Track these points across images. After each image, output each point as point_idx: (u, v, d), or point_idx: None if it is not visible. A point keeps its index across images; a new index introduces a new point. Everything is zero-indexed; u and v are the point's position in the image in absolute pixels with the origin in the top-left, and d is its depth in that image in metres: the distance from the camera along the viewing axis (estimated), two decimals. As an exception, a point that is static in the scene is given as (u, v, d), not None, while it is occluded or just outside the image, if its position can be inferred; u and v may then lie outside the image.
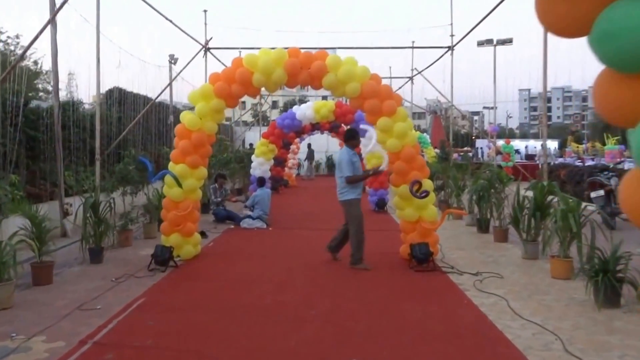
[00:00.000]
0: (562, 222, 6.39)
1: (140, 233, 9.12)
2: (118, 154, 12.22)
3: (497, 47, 23.90)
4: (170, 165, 7.31)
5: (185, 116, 7.19)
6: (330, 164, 28.76)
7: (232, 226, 10.70)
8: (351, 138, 7.07)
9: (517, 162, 23.11)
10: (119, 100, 13.85)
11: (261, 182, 11.36)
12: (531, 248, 7.62)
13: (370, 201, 13.45)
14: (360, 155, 19.10)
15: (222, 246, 8.63)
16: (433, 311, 5.23)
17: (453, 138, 35.43)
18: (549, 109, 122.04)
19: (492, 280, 6.40)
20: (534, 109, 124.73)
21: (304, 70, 7.01)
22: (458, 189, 11.57)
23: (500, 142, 28.10)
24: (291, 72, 6.99)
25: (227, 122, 31.65)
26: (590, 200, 9.91)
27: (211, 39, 13.86)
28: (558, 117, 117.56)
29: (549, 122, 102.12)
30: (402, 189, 7.12)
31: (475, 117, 79.73)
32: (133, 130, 13.65)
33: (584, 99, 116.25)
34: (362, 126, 6.78)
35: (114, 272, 6.62)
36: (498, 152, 25.05)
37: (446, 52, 14.66)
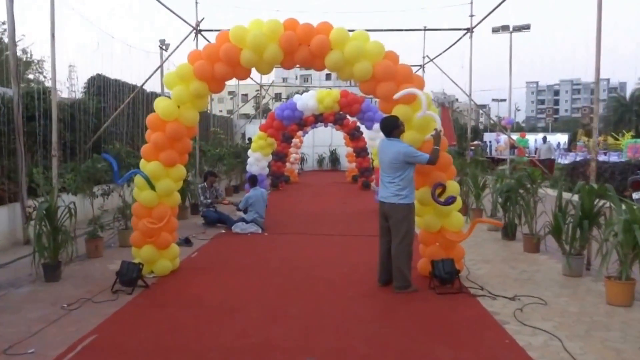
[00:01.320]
0: (624, 235, 5.12)
1: (115, 240, 7.90)
2: (101, 149, 11.02)
3: (501, 36, 22.54)
4: (142, 163, 6.07)
5: (159, 103, 5.94)
6: (334, 158, 27.51)
7: (223, 230, 9.46)
8: (396, 127, 5.62)
9: (530, 157, 21.83)
10: (102, 89, 12.59)
11: (253, 181, 10.09)
12: (575, 263, 6.37)
13: (377, 200, 12.18)
14: (365, 148, 17.98)
15: (208, 257, 7.39)
16: (467, 357, 3.98)
17: (459, 132, 33.98)
18: (557, 102, 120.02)
19: (534, 308, 5.15)
20: (542, 102, 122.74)
21: (303, 46, 5.74)
22: (478, 188, 10.31)
23: (515, 136, 26.86)
24: (287, 49, 5.73)
25: (227, 115, 30.40)
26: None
27: (203, 19, 12.57)
28: (566, 111, 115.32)
29: (556, 116, 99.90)
30: (422, 192, 5.86)
31: (481, 110, 78.01)
32: (117, 121, 12.44)
33: (593, 92, 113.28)
34: (397, 96, 5.44)
35: (70, 294, 5.40)
36: (512, 146, 23.80)
37: (464, 34, 13.29)
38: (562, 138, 50.48)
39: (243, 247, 8.04)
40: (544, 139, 25.83)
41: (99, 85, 12.70)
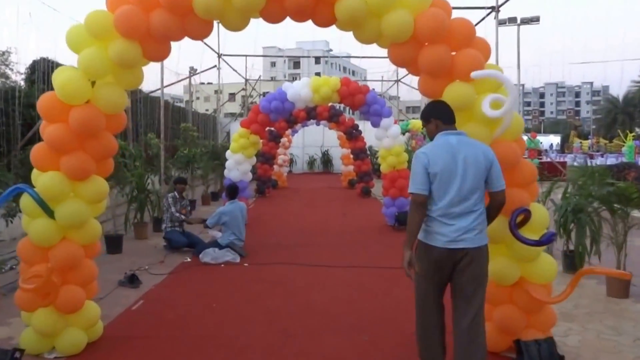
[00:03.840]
0: None
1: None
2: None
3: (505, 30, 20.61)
4: (34, 174, 3.72)
5: (59, 76, 3.58)
6: (326, 160, 25.24)
7: (189, 259, 7.10)
8: (452, 113, 3.31)
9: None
10: (47, 76, 10.19)
11: (232, 192, 7.67)
12: None
13: (386, 214, 9.92)
14: (365, 149, 15.68)
15: (156, 310, 5.01)
16: None
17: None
18: (542, 105, 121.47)
19: None
20: (528, 104, 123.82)
21: (300, -17, 3.45)
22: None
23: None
24: (273, -14, 3.43)
25: (209, 112, 27.98)
26: None
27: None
28: (551, 113, 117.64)
29: (542, 118, 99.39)
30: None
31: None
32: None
33: (577, 95, 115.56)
34: (476, 75, 3.17)
35: None
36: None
37: (488, 14, 11.06)
38: (555, 139, 49.31)
39: (211, 290, 5.67)
40: None
41: (44, 72, 10.34)
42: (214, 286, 5.82)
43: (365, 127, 16.39)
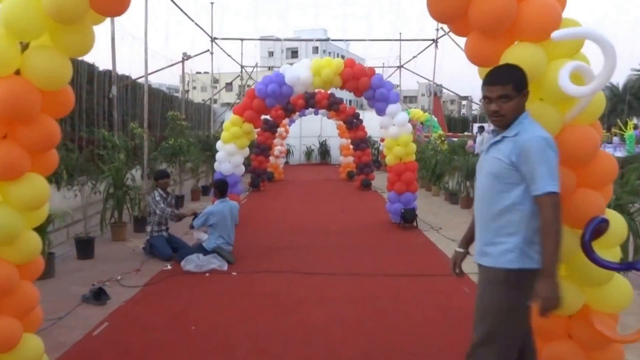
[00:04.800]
0: None
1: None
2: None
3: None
4: (-51, 170, 2.83)
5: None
6: (324, 150, 24.35)
7: (169, 266, 6.22)
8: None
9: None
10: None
11: (222, 189, 6.74)
12: None
13: (390, 210, 9.06)
14: (365, 139, 14.80)
15: (121, 337, 4.10)
16: None
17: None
18: None
19: None
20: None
21: None
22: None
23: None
24: None
25: (204, 101, 27.01)
26: None
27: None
28: None
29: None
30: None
31: (464, 102, 75.69)
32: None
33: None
34: (558, 35, 2.30)
35: None
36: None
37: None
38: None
39: (192, 308, 4.76)
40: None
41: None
42: (195, 302, 4.93)
43: (365, 116, 15.55)
